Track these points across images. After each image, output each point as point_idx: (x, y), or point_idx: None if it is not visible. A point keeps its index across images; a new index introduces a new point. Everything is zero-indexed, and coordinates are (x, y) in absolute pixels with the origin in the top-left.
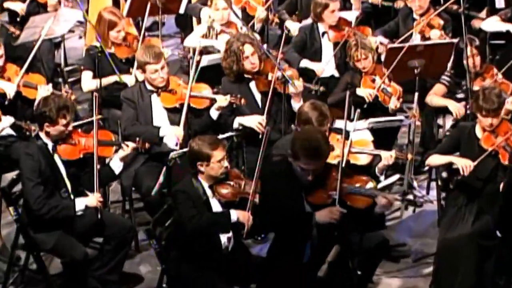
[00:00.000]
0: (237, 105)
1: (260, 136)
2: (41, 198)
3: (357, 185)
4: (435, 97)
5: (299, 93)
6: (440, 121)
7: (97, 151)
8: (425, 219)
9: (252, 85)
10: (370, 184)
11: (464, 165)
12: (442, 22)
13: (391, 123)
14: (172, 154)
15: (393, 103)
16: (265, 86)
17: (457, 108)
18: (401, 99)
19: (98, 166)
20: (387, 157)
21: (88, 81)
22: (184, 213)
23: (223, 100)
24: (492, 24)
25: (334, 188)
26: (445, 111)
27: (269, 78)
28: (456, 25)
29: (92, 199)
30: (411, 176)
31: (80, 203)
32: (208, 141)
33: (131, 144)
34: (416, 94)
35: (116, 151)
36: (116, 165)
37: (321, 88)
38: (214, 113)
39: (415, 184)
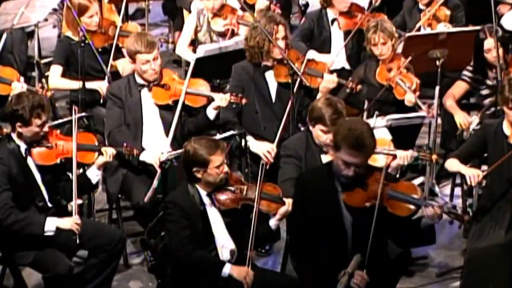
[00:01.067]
0: (238, 105)
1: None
2: (8, 207)
3: (401, 191)
4: (449, 100)
5: (329, 90)
6: None
7: (76, 156)
8: (449, 229)
9: (269, 74)
10: (416, 193)
11: (472, 174)
12: (448, 13)
13: (411, 120)
14: (167, 155)
15: (409, 97)
16: (287, 76)
17: (462, 119)
18: (417, 93)
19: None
20: (403, 156)
21: (56, 78)
22: (175, 235)
23: (221, 100)
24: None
25: (375, 191)
26: (469, 107)
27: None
28: (470, 10)
29: (67, 222)
30: (433, 181)
31: (51, 223)
32: (205, 144)
33: (110, 150)
34: (437, 88)
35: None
36: (94, 174)
37: (359, 87)
38: (211, 113)
39: (437, 189)
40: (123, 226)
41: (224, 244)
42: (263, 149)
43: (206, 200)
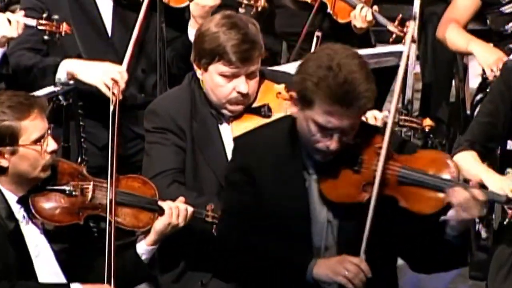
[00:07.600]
0: (52, 36)
1: (112, 108)
2: None
3: (421, 168)
4: (452, 27)
5: (208, 9)
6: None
7: None
8: None
9: None
10: (451, 169)
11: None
12: None
13: (378, 59)
14: None
15: (359, 13)
16: None
17: (488, 62)
18: (375, 7)
19: None
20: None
21: None
22: None
23: (12, 26)
24: None
25: (374, 172)
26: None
27: None
28: None
29: None
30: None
31: None
32: (8, 102)
33: None
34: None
35: None
36: None
37: (261, 1)
38: None
39: None
40: None
41: None
42: (104, 75)
43: (18, 210)
